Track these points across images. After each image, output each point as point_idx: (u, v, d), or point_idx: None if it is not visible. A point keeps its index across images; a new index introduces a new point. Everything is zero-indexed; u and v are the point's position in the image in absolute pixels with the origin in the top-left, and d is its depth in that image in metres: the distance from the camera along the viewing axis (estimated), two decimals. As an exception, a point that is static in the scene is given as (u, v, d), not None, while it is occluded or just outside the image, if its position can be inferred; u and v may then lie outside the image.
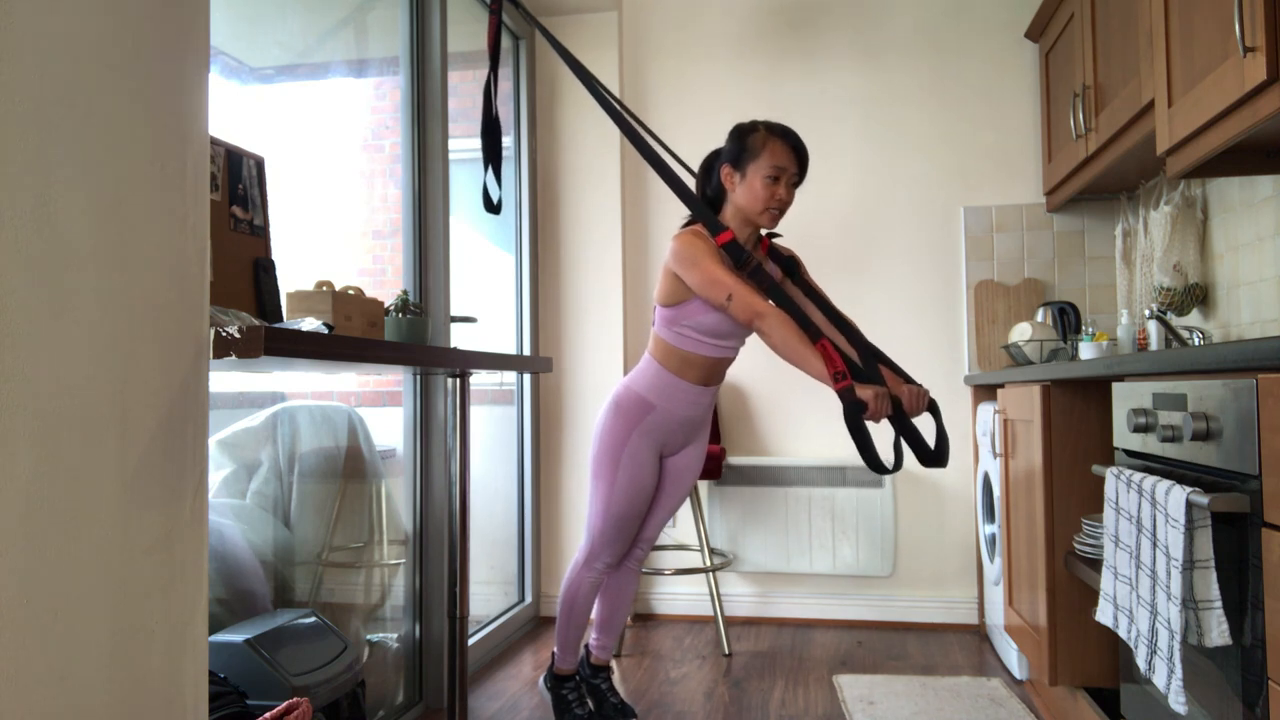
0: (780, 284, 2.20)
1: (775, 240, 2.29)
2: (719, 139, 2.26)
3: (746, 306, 1.98)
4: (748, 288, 2.00)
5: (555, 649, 2.41)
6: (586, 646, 2.50)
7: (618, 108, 2.24)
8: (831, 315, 2.16)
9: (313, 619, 1.84)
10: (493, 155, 2.36)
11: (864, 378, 1.96)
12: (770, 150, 2.09)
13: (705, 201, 2.21)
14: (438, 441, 2.64)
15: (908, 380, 2.05)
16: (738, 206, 2.14)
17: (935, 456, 1.99)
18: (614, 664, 2.52)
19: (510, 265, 3.59)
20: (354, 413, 2.48)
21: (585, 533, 2.31)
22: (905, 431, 1.97)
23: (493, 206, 2.36)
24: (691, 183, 2.31)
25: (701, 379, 2.21)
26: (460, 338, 2.86)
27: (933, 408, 2.03)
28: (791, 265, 2.24)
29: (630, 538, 2.33)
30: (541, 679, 2.52)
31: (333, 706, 1.75)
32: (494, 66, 2.34)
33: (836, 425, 3.50)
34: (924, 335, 3.46)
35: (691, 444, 2.33)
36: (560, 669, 2.41)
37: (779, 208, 2.11)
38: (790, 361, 1.95)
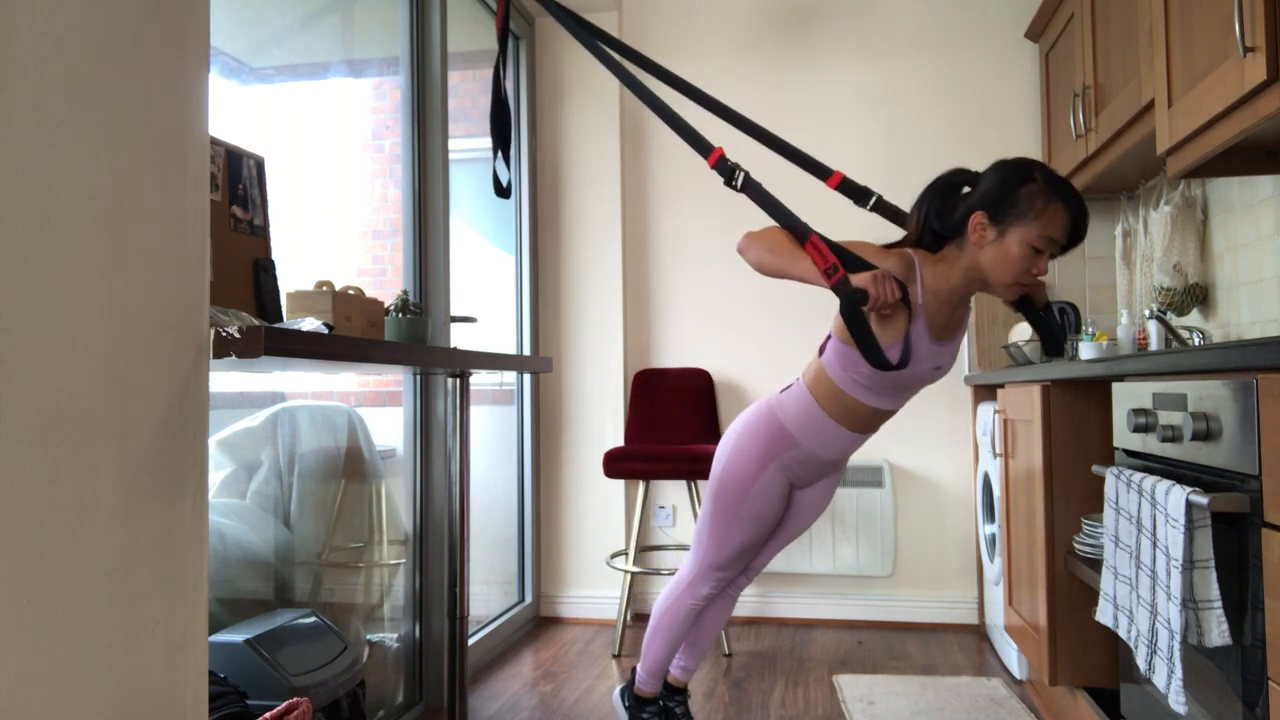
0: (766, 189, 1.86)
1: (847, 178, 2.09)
2: (719, 139, 2.25)
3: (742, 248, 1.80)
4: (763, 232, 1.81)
5: (639, 667, 2.21)
6: None
7: (621, 61, 2.20)
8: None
9: (313, 619, 1.85)
10: (502, 139, 2.35)
11: (865, 267, 1.67)
12: (1050, 217, 1.68)
13: (928, 231, 1.81)
14: (438, 441, 2.64)
15: None
16: (979, 265, 1.75)
17: (1053, 340, 1.82)
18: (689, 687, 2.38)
19: (510, 265, 3.59)
20: (354, 413, 2.48)
21: (693, 555, 2.10)
22: (1030, 314, 1.78)
23: (502, 190, 2.35)
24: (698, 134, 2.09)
25: (860, 426, 1.93)
26: (460, 338, 2.86)
27: (1045, 306, 1.82)
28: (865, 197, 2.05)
29: (743, 567, 2.15)
30: (617, 691, 2.32)
31: (333, 706, 1.75)
32: (503, 49, 2.33)
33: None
34: (924, 335, 3.46)
35: (827, 477, 2.09)
36: (642, 690, 2.22)
37: (1031, 284, 1.74)
38: (778, 274, 1.74)
